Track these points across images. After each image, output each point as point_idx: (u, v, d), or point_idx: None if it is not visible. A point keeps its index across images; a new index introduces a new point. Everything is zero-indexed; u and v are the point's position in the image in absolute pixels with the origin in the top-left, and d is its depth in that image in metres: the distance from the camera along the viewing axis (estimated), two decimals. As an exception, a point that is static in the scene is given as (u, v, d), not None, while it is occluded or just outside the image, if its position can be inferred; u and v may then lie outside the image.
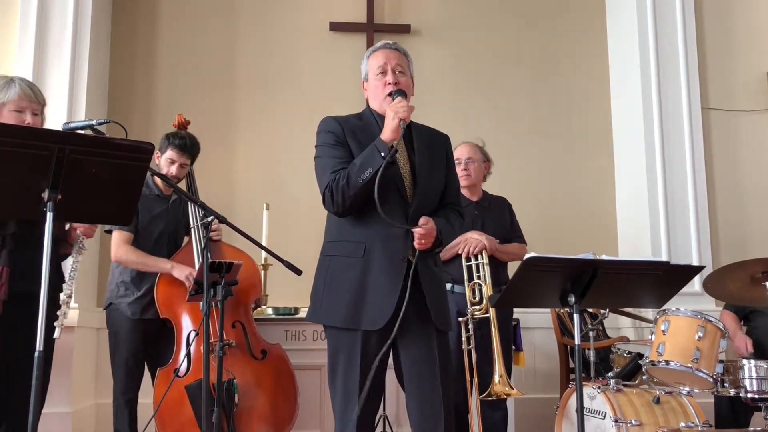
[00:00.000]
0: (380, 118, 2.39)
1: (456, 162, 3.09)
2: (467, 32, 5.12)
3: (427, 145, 2.46)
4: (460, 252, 3.40)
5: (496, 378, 3.15)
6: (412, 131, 2.45)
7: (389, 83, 2.39)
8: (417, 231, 2.25)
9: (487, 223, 3.55)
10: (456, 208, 2.50)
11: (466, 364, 3.25)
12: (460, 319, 3.27)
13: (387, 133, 2.26)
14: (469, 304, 3.32)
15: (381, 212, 2.13)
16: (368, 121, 2.44)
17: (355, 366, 2.26)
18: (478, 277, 3.36)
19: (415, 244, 2.27)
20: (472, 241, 3.39)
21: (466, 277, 3.37)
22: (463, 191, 3.44)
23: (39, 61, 4.28)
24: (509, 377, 3.23)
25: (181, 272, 3.22)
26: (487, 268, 3.36)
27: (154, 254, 3.31)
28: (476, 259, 3.38)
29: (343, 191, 2.27)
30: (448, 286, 3.29)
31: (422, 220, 2.27)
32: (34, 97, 2.54)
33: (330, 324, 2.36)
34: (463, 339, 3.28)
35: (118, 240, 3.29)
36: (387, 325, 2.24)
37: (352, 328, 2.28)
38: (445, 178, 2.50)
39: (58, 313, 2.52)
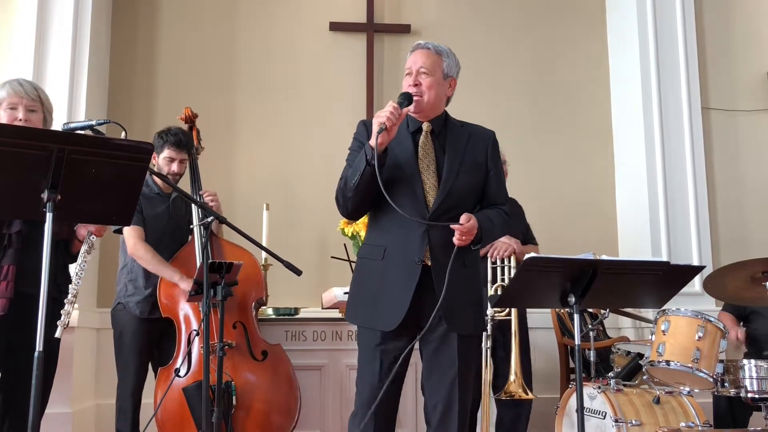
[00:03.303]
0: (410, 119, 2.42)
1: None
2: (467, 32, 5.11)
3: (463, 145, 2.43)
4: (489, 255, 3.43)
5: (512, 378, 3.21)
6: (446, 131, 2.44)
7: (409, 85, 2.40)
8: (457, 228, 2.25)
9: None
10: (501, 208, 2.45)
11: (484, 362, 3.31)
12: None
13: (372, 138, 2.25)
14: (490, 305, 3.34)
15: (393, 204, 2.16)
16: (402, 123, 2.38)
17: (374, 364, 2.33)
18: (503, 280, 3.39)
19: (455, 239, 2.26)
20: (502, 245, 3.43)
21: (489, 279, 3.40)
22: None
23: (39, 61, 4.27)
24: (530, 380, 3.31)
25: (188, 286, 3.16)
26: (514, 272, 3.39)
27: (157, 252, 3.30)
28: (502, 263, 3.41)
29: (343, 194, 2.36)
30: None
31: (464, 217, 2.27)
32: (24, 92, 2.53)
33: (354, 322, 2.47)
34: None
35: (134, 235, 3.27)
36: (402, 326, 2.29)
37: (371, 328, 2.35)
38: (485, 178, 2.45)
39: (62, 312, 2.50)
